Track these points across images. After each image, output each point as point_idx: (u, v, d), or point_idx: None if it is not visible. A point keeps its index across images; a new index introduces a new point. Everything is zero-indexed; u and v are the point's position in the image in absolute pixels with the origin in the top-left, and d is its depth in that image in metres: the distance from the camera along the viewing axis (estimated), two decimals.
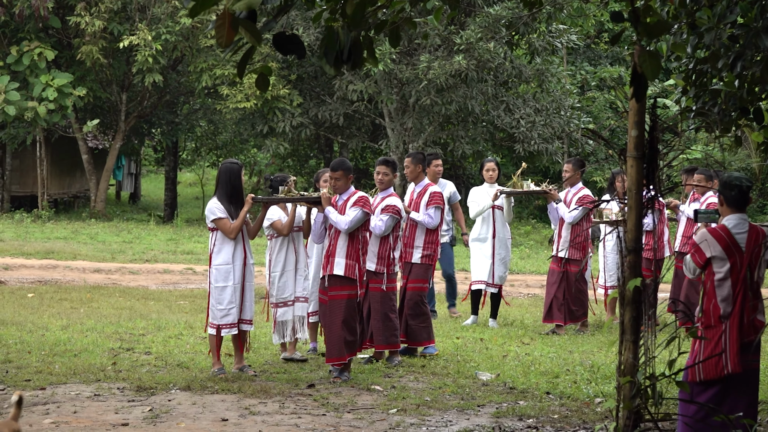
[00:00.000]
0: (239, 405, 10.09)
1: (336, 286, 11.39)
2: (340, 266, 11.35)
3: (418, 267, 13.38)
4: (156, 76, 34.23)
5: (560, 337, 14.87)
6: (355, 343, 11.50)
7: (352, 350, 11.49)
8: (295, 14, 31.98)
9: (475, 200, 15.78)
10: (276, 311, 12.42)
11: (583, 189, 15.49)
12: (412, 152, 14.21)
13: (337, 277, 11.37)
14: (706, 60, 8.90)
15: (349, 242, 11.37)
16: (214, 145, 43.94)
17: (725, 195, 8.18)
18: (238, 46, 5.99)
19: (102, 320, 15.34)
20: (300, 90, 34.82)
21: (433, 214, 13.35)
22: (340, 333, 11.31)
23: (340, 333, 11.31)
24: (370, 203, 11.58)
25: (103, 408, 9.86)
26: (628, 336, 7.15)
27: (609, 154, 10.04)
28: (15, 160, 38.90)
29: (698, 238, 8.12)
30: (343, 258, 11.35)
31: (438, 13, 7.68)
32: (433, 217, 13.35)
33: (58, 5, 35.22)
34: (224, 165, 11.74)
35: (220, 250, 11.48)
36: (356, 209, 11.33)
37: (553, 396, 10.86)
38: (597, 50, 44.87)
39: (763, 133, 9.74)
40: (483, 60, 31.48)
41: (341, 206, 11.44)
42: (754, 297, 8.04)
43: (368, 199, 11.50)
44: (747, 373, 8.05)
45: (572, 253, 15.33)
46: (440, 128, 34.04)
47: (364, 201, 11.41)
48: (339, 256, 11.37)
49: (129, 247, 28.02)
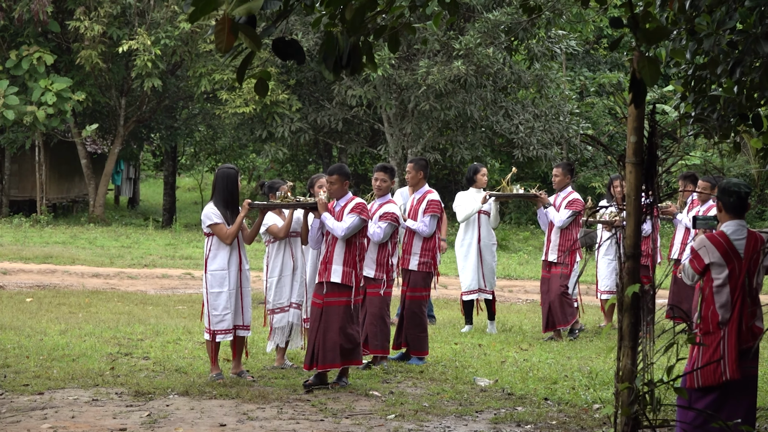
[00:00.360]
0: (237, 410, 10.08)
1: (333, 293, 11.30)
2: (337, 273, 11.26)
3: (416, 275, 13.35)
4: (155, 81, 34.23)
5: (558, 343, 14.86)
6: (353, 352, 11.34)
7: (349, 358, 11.36)
8: (295, 19, 32.00)
9: (462, 204, 15.74)
10: (273, 317, 12.39)
11: (573, 193, 15.35)
12: (415, 158, 14.17)
13: (334, 284, 11.29)
14: (705, 66, 8.90)
15: (346, 249, 11.29)
16: (213, 150, 43.92)
17: (724, 201, 8.17)
18: (238, 51, 5.98)
19: (100, 325, 15.33)
20: (299, 95, 34.85)
21: (428, 222, 13.33)
22: (336, 340, 11.20)
23: (336, 340, 11.20)
24: (368, 210, 11.52)
25: (101, 413, 9.85)
26: (627, 342, 7.13)
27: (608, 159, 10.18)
28: (14, 165, 38.90)
29: (697, 244, 8.12)
30: (340, 265, 11.26)
31: (437, 18, 7.67)
32: (427, 225, 13.33)
33: (57, 10, 35.22)
34: (221, 170, 11.72)
35: (216, 256, 11.47)
36: (353, 216, 11.24)
37: (551, 402, 10.85)
38: (596, 56, 44.88)
39: (762, 139, 9.74)
40: (482, 65, 31.48)
41: (338, 212, 11.36)
42: (752, 303, 8.04)
43: (365, 205, 11.41)
44: (745, 379, 8.05)
45: (561, 258, 15.23)
46: (439, 133, 34.04)
47: (362, 208, 11.31)
48: (336, 263, 11.28)
49: (127, 252, 28.01)
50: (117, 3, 34.27)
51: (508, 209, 38.64)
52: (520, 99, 34.87)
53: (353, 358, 11.41)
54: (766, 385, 11.60)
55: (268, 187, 12.39)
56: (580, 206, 15.20)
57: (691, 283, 8.33)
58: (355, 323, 11.36)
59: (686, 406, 7.99)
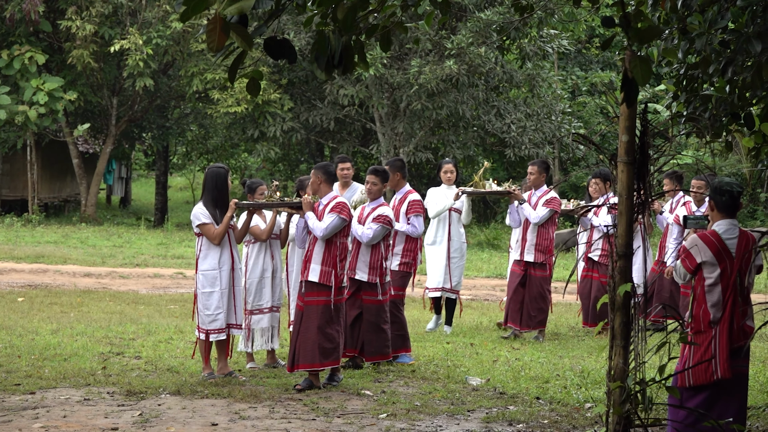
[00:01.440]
0: (229, 410, 10.07)
1: (312, 292, 11.22)
2: (315, 272, 11.18)
3: (395, 274, 13.28)
4: (147, 80, 34.22)
5: (550, 342, 14.85)
6: (333, 351, 11.23)
7: (329, 358, 11.23)
8: (286, 19, 31.99)
9: (434, 200, 15.38)
10: (251, 318, 12.32)
11: (550, 191, 15.08)
12: (391, 159, 13.97)
13: (312, 283, 11.22)
14: (697, 65, 8.91)
15: (325, 249, 11.21)
16: (205, 149, 43.90)
17: (716, 200, 8.18)
18: (229, 50, 5.98)
19: (92, 324, 15.31)
20: (291, 94, 34.84)
21: (417, 223, 13.31)
22: (315, 339, 11.11)
23: (315, 339, 11.11)
24: (349, 209, 11.43)
25: (93, 412, 9.84)
26: (618, 341, 7.15)
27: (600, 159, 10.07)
28: (5, 164, 38.86)
29: (689, 243, 8.13)
30: (318, 264, 11.18)
31: (429, 17, 7.68)
32: (417, 227, 13.31)
33: (49, 9, 35.20)
34: (210, 170, 11.71)
35: (207, 256, 11.46)
36: (333, 215, 11.15)
37: (543, 401, 10.85)
38: (588, 55, 44.92)
39: (754, 138, 9.74)
40: (474, 65, 31.50)
41: (321, 211, 11.30)
42: (743, 302, 8.05)
43: (346, 204, 11.30)
44: (736, 378, 8.06)
45: (537, 257, 14.97)
46: (431, 133, 34.06)
47: (341, 207, 11.21)
48: (315, 262, 11.20)
49: (119, 252, 27.99)
50: (108, 2, 34.27)
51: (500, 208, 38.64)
52: (512, 98, 34.90)
53: (333, 359, 11.28)
54: (758, 384, 11.62)
55: (248, 187, 12.33)
56: (557, 205, 14.98)
57: (683, 282, 8.34)
58: (336, 323, 11.26)
59: (678, 405, 8.00)
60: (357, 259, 12.26)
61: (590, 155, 38.37)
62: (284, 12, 6.57)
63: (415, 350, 13.34)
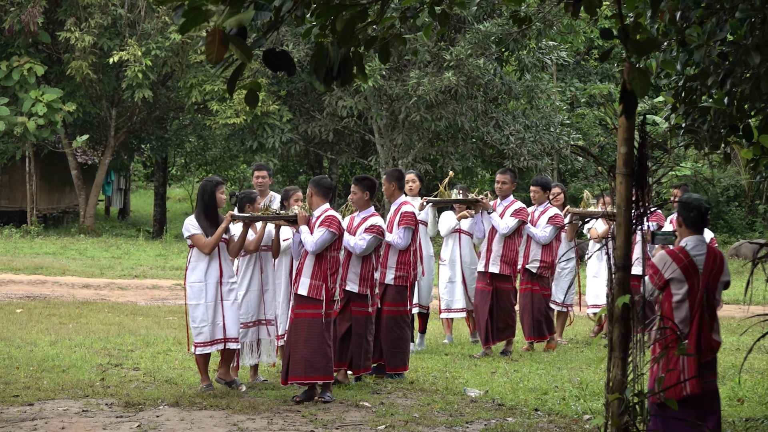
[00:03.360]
0: (227, 421, 10.06)
1: (301, 305, 11.19)
2: (305, 286, 11.16)
3: (392, 289, 12.98)
4: (146, 92, 34.24)
5: (549, 354, 14.85)
6: (323, 367, 11.14)
7: (318, 372, 11.13)
8: (285, 30, 32.05)
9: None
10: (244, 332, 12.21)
11: (517, 202, 14.70)
12: (388, 170, 13.79)
13: (301, 296, 11.19)
14: (696, 77, 8.92)
15: (315, 262, 11.18)
16: (204, 160, 43.94)
17: (684, 216, 8.17)
18: (228, 62, 5.99)
19: (90, 336, 15.31)
20: (290, 106, 34.88)
21: (402, 235, 12.90)
22: (303, 352, 11.07)
23: (302, 352, 11.07)
24: (339, 222, 11.38)
25: (91, 424, 9.83)
26: (617, 353, 7.14)
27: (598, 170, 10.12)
28: (4, 176, 38.88)
29: (657, 259, 8.11)
30: (308, 278, 11.16)
31: (428, 29, 7.68)
32: (402, 238, 12.88)
33: (48, 20, 35.24)
34: (202, 182, 11.80)
35: (195, 268, 11.46)
36: (322, 229, 11.12)
37: (541, 413, 10.85)
38: (587, 67, 44.98)
39: (753, 150, 9.75)
40: (473, 76, 31.53)
41: (312, 224, 11.27)
42: (710, 318, 8.05)
43: (336, 218, 11.26)
44: (706, 393, 8.07)
45: (503, 269, 14.57)
46: (430, 144, 34.08)
47: (331, 220, 11.18)
48: (305, 275, 11.18)
49: (118, 263, 28.00)
50: (108, 14, 34.31)
51: None
52: (511, 110, 34.91)
53: (323, 374, 11.18)
54: (757, 396, 11.61)
55: (239, 199, 12.25)
56: (525, 215, 14.67)
57: (651, 298, 8.32)
58: (326, 338, 11.20)
59: (663, 415, 7.98)
60: (347, 270, 12.13)
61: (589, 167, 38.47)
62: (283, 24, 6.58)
63: (413, 362, 13.33)
